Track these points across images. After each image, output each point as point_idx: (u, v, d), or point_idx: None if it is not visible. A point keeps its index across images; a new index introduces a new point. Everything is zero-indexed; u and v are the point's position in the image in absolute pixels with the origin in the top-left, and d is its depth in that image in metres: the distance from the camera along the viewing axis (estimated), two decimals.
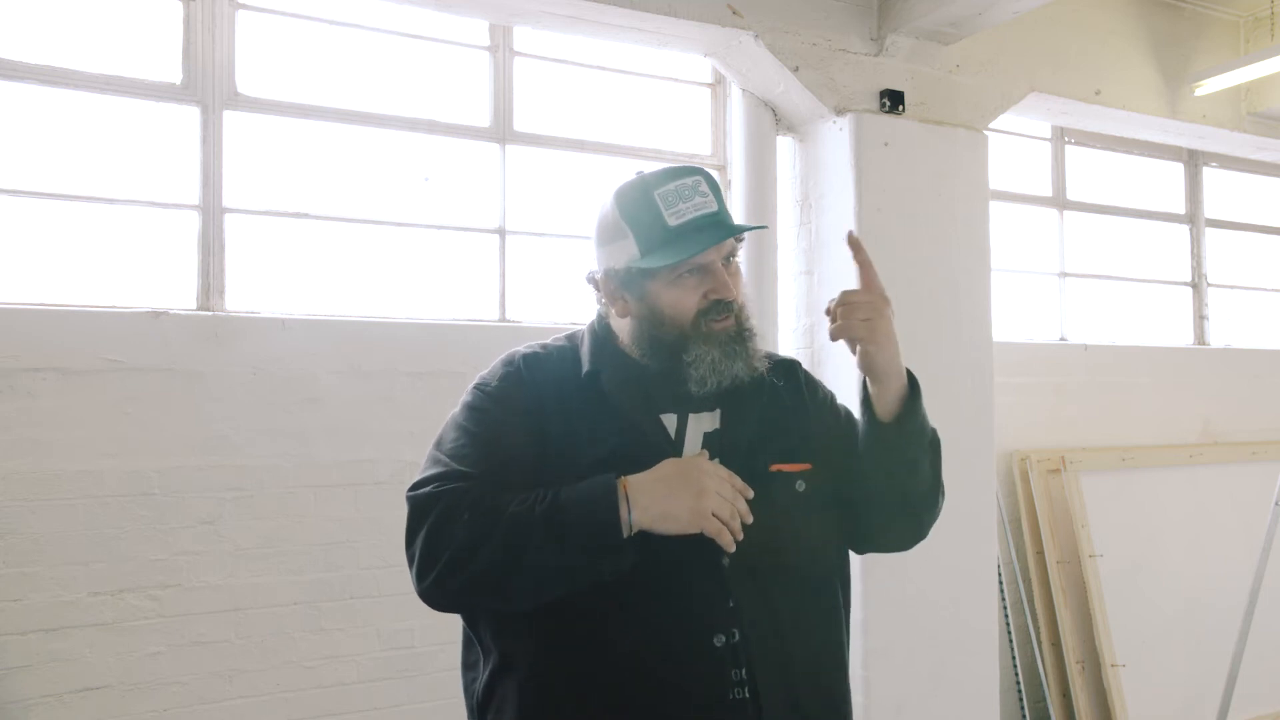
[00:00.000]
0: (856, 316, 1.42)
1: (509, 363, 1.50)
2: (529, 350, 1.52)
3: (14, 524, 2.75)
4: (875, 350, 1.43)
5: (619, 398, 1.44)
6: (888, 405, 1.46)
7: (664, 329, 1.43)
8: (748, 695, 1.35)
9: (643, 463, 1.35)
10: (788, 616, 1.41)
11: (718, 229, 1.41)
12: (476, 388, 1.49)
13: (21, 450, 2.77)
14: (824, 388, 1.66)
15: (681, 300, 1.42)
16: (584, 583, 1.31)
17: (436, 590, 1.32)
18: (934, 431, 1.55)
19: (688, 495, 1.30)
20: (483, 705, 1.46)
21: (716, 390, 1.43)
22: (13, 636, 2.74)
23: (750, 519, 1.33)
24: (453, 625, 1.59)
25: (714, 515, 1.30)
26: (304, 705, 3.08)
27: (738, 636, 1.36)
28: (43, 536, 2.78)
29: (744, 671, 1.35)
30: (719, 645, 1.35)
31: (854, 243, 1.48)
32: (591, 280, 1.55)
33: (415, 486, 1.36)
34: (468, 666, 1.53)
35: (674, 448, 1.43)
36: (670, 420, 1.45)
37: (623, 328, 1.50)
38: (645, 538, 1.31)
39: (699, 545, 1.33)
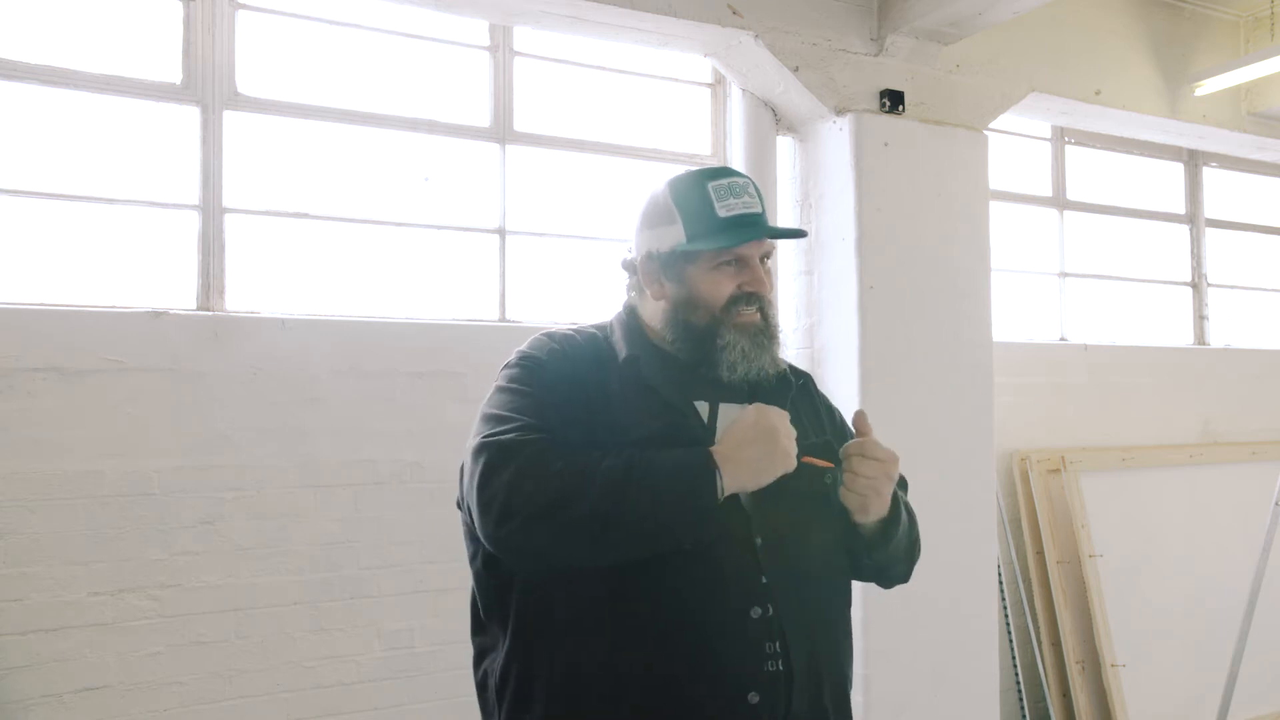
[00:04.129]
0: (880, 474, 1.45)
1: (547, 338, 1.54)
2: (561, 331, 1.57)
3: (14, 524, 2.75)
4: (878, 509, 1.48)
5: (657, 383, 1.48)
6: (869, 525, 1.53)
7: (697, 314, 1.50)
8: (782, 668, 1.39)
9: (681, 445, 1.40)
10: (813, 596, 1.47)
11: (762, 227, 1.52)
12: (521, 359, 1.51)
13: (21, 450, 2.77)
14: (838, 412, 1.73)
15: (718, 286, 1.50)
16: (668, 546, 1.34)
17: (518, 535, 1.32)
18: (911, 524, 1.62)
19: (771, 448, 1.37)
20: (500, 688, 1.45)
21: (745, 379, 1.50)
22: (13, 636, 2.74)
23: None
24: (453, 625, 1.59)
25: (787, 457, 1.38)
26: (304, 705, 3.08)
27: (771, 611, 1.40)
28: (43, 536, 2.78)
29: (778, 645, 1.40)
30: (755, 617, 1.39)
31: (862, 420, 1.50)
32: (627, 265, 1.60)
33: (485, 437, 1.38)
34: (481, 654, 1.52)
35: (708, 433, 1.48)
36: (703, 408, 1.51)
37: (654, 314, 1.56)
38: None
39: (734, 525, 1.40)
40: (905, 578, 1.66)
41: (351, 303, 3.37)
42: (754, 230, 1.50)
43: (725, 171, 1.55)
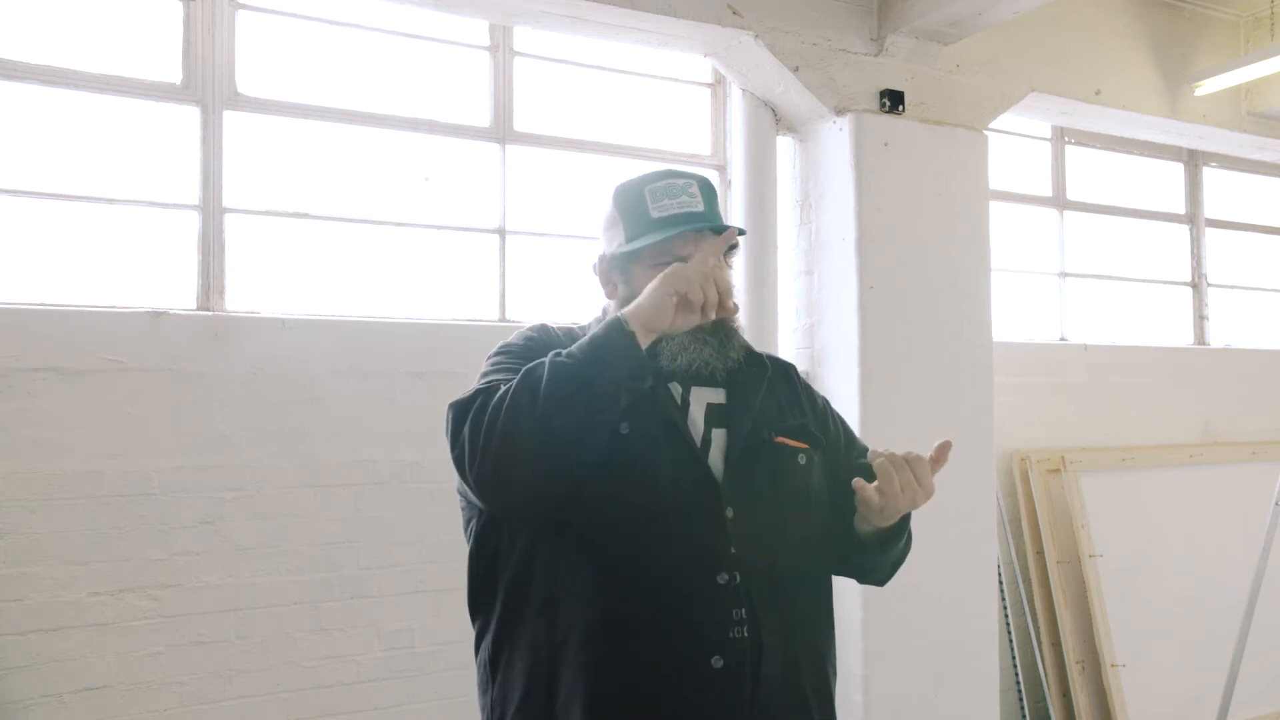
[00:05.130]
0: (916, 500, 1.44)
1: (526, 329, 1.61)
2: (540, 324, 1.63)
3: (14, 524, 2.75)
4: (883, 520, 1.48)
5: None
6: (867, 530, 1.53)
7: None
8: (747, 635, 1.41)
9: (652, 420, 1.45)
10: (785, 569, 1.48)
11: (690, 222, 1.52)
12: (501, 348, 1.57)
13: (21, 450, 2.77)
14: (821, 397, 1.74)
15: None
16: (613, 407, 1.36)
17: (489, 465, 1.34)
18: (907, 541, 1.62)
19: (661, 284, 1.39)
20: (492, 664, 1.49)
21: (685, 370, 1.52)
22: (13, 636, 2.74)
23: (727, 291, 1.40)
24: (453, 625, 1.60)
25: (686, 277, 1.37)
26: (304, 705, 3.08)
27: (739, 579, 1.42)
28: (43, 536, 2.78)
29: (744, 611, 1.41)
30: (722, 583, 1.41)
31: (944, 451, 1.47)
32: (594, 268, 1.67)
33: (450, 402, 1.44)
34: (479, 633, 1.55)
35: (680, 410, 1.51)
36: (676, 389, 1.54)
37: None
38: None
39: (705, 496, 1.44)
40: (882, 583, 1.69)
41: (351, 303, 3.37)
42: (682, 226, 1.51)
43: (665, 174, 1.57)
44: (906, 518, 1.53)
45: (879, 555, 1.55)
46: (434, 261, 3.53)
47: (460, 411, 1.40)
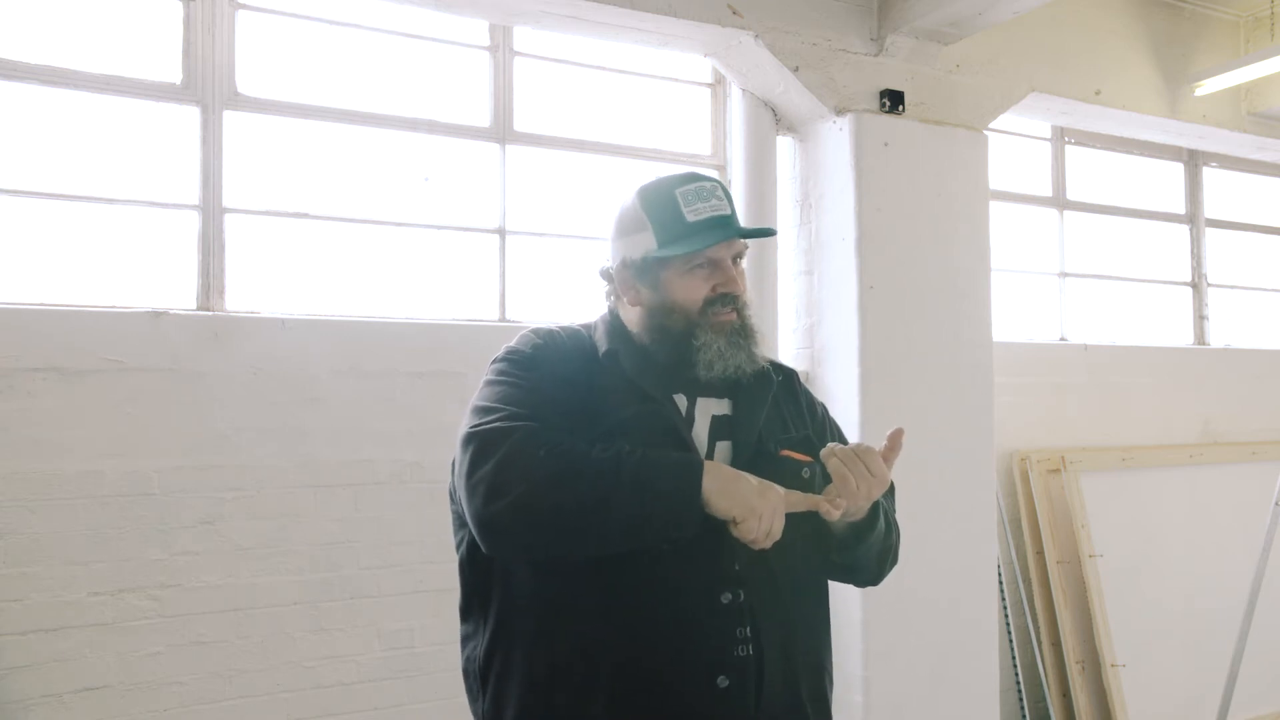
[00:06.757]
0: (872, 492, 1.43)
1: (533, 334, 1.58)
2: (546, 328, 1.60)
3: (14, 524, 2.75)
4: (853, 514, 1.47)
5: (636, 375, 1.51)
6: (839, 525, 1.52)
7: (673, 317, 1.52)
8: (751, 653, 1.42)
9: (657, 432, 1.43)
10: (786, 584, 1.49)
11: (730, 227, 1.53)
12: (508, 354, 1.54)
13: (21, 450, 2.77)
14: (821, 405, 1.74)
15: (692, 290, 1.52)
16: (647, 542, 1.35)
17: (503, 517, 1.32)
18: (889, 532, 1.61)
19: (752, 492, 1.35)
20: (483, 674, 1.49)
21: (722, 377, 1.51)
22: (13, 636, 2.74)
23: (768, 544, 1.37)
24: (453, 625, 1.59)
25: (758, 518, 1.34)
26: (304, 705, 3.08)
27: (743, 596, 1.42)
28: (43, 536, 2.78)
29: (749, 630, 1.42)
30: (726, 602, 1.42)
31: (896, 439, 1.47)
32: (605, 274, 1.62)
33: (473, 427, 1.39)
34: (466, 639, 1.55)
35: (685, 423, 1.50)
36: (681, 401, 1.53)
37: (632, 318, 1.58)
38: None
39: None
40: (875, 581, 1.67)
41: (351, 303, 3.37)
42: (722, 231, 1.51)
43: (693, 177, 1.56)
44: (877, 506, 1.53)
45: (857, 548, 1.54)
46: (434, 261, 3.52)
47: (486, 443, 1.36)
